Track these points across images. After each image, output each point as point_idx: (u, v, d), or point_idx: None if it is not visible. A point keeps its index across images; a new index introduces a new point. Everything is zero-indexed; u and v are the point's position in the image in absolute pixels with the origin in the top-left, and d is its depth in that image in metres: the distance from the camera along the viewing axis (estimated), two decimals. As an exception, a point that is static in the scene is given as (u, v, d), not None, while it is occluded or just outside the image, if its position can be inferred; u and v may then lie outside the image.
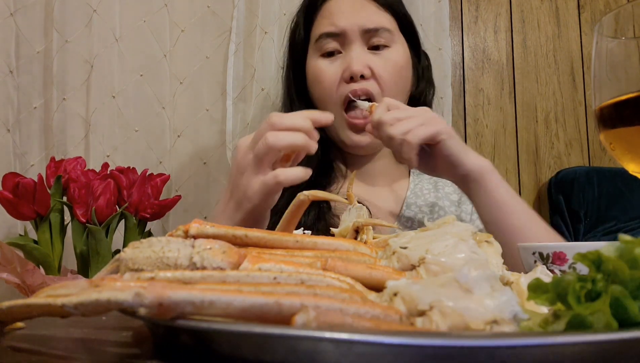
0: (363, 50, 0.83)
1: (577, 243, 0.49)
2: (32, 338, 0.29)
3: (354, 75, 0.80)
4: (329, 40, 0.84)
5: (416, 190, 0.92)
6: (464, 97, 1.41)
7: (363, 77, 0.80)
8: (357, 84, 0.80)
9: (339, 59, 0.84)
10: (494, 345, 0.20)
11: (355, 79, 0.80)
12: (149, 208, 0.77)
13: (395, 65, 0.84)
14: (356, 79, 0.80)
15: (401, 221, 0.86)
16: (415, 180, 0.94)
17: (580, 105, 1.45)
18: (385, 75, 0.82)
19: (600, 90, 0.41)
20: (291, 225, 0.43)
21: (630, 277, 0.21)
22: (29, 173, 1.04)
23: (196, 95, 1.15)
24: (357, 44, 0.83)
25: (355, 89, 0.80)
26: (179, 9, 1.15)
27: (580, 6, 1.47)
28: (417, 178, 0.95)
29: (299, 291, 0.24)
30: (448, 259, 0.28)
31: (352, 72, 0.80)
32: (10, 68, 1.07)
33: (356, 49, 0.82)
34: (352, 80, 0.81)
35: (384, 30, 0.84)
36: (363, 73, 0.80)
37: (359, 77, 0.80)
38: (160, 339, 0.28)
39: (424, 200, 0.90)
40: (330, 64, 0.84)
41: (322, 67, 0.84)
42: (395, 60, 0.84)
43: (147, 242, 0.28)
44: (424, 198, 0.91)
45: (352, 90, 0.80)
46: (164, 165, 1.11)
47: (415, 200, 0.90)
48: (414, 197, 0.91)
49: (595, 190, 1.33)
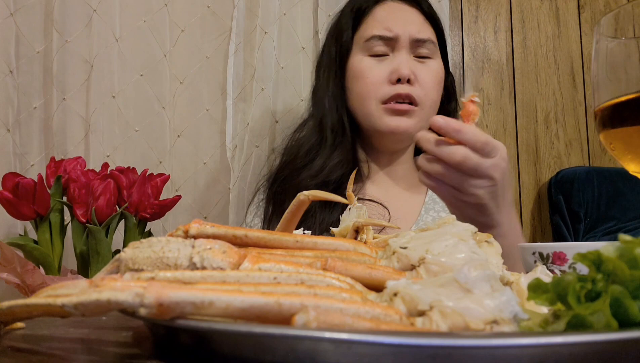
0: (410, 57, 0.88)
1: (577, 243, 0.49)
2: (32, 338, 0.29)
3: (402, 77, 0.84)
4: (381, 43, 0.88)
5: (434, 196, 0.93)
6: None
7: (409, 82, 0.85)
8: (402, 87, 0.84)
9: (386, 61, 0.88)
10: (494, 345, 0.20)
11: (402, 82, 0.85)
12: (149, 208, 0.77)
13: (435, 75, 0.89)
14: (403, 81, 0.85)
15: (419, 225, 0.87)
16: None
17: (580, 105, 1.45)
18: (427, 83, 0.87)
19: (600, 90, 0.41)
20: (291, 225, 0.43)
21: (630, 277, 0.21)
22: (29, 173, 1.04)
23: (196, 95, 1.15)
24: (405, 50, 0.87)
25: (400, 92, 0.84)
26: (179, 9, 1.15)
27: (580, 6, 1.47)
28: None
29: (299, 291, 0.24)
30: (448, 259, 0.28)
31: (400, 75, 0.84)
32: (10, 68, 1.07)
33: (405, 55, 0.87)
34: (399, 82, 0.85)
35: (430, 43, 0.89)
36: (410, 77, 0.84)
37: (406, 81, 0.84)
38: (160, 339, 0.28)
39: (442, 206, 0.91)
40: (377, 64, 0.88)
41: (370, 65, 0.88)
42: (436, 71, 0.89)
43: (147, 242, 0.28)
44: (442, 204, 0.91)
45: (397, 92, 0.84)
46: (164, 165, 1.11)
47: (434, 205, 0.91)
48: (432, 202, 0.92)
49: (595, 190, 1.33)
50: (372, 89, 0.87)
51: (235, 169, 1.10)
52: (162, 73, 1.13)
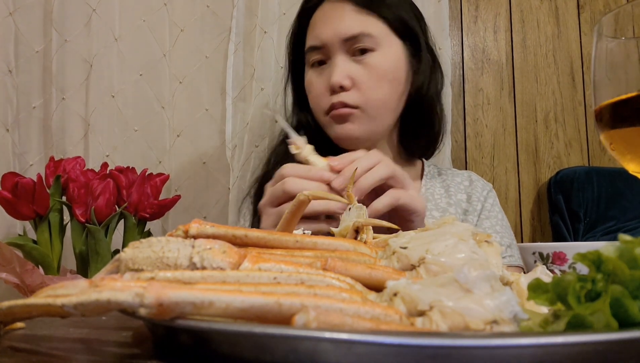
0: (345, 60, 0.82)
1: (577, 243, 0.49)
2: (32, 338, 0.29)
3: (333, 87, 0.81)
4: (314, 52, 0.85)
5: (427, 194, 0.92)
6: (463, 97, 1.41)
7: (343, 88, 0.81)
8: (337, 96, 0.81)
9: (326, 70, 0.85)
10: (494, 345, 0.20)
11: (335, 91, 0.81)
12: (148, 208, 0.77)
13: (379, 70, 0.82)
14: (336, 90, 0.81)
15: None
16: (427, 184, 0.94)
17: (580, 105, 1.45)
18: (367, 82, 0.82)
19: (600, 90, 0.41)
20: (291, 225, 0.43)
21: (630, 277, 0.21)
22: (28, 173, 1.04)
23: (196, 95, 1.15)
24: (339, 53, 0.83)
25: (333, 102, 0.81)
26: (178, 8, 1.15)
27: (580, 6, 1.47)
28: (429, 182, 0.95)
29: (299, 291, 0.24)
30: (448, 259, 0.28)
31: (331, 85, 0.81)
32: (10, 67, 1.07)
33: (337, 60, 0.82)
34: (334, 92, 0.82)
35: (364, 36, 0.82)
36: (342, 84, 0.80)
37: (339, 88, 0.81)
38: (160, 339, 0.28)
39: (434, 204, 0.90)
40: (318, 76, 0.86)
41: (312, 79, 0.87)
42: (379, 64, 0.83)
43: (146, 242, 0.28)
44: (435, 203, 0.91)
45: (331, 103, 0.82)
46: (163, 165, 1.11)
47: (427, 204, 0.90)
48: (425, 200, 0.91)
49: (595, 190, 1.33)
50: (317, 102, 0.86)
51: (235, 168, 1.10)
52: (162, 73, 1.13)
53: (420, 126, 0.92)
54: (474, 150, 1.39)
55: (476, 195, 0.94)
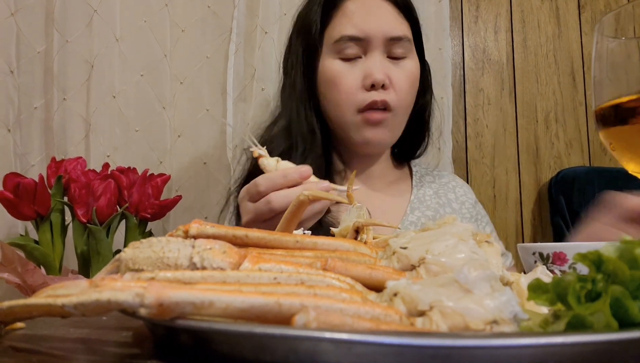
0: (384, 59, 0.81)
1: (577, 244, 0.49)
2: (32, 338, 0.29)
3: (377, 84, 0.78)
4: (352, 44, 0.81)
5: (419, 195, 0.92)
6: (464, 97, 1.41)
7: (383, 87, 0.79)
8: (377, 93, 0.79)
9: (359, 64, 0.81)
10: (494, 345, 0.20)
11: (376, 88, 0.79)
12: (149, 209, 0.77)
13: (410, 77, 0.83)
14: (377, 87, 0.79)
15: (404, 225, 0.86)
16: (417, 185, 0.94)
17: (581, 105, 1.45)
18: (402, 87, 0.81)
19: (601, 90, 0.41)
20: (291, 225, 0.43)
21: (630, 277, 0.21)
22: (30, 173, 1.04)
23: (196, 95, 1.15)
24: (379, 51, 0.81)
25: (375, 100, 0.79)
26: (179, 9, 1.15)
27: (581, 6, 1.47)
28: (420, 182, 0.95)
29: (299, 291, 0.24)
30: (448, 259, 0.28)
31: (374, 81, 0.78)
32: (11, 68, 1.07)
33: (378, 57, 0.80)
34: (373, 88, 0.79)
35: (405, 40, 0.82)
36: (385, 82, 0.79)
37: (380, 86, 0.79)
38: (160, 339, 0.28)
39: (426, 206, 0.90)
40: (350, 68, 0.81)
41: (342, 70, 0.81)
42: (411, 71, 0.83)
43: (147, 242, 0.28)
44: (426, 204, 0.91)
45: (372, 100, 0.79)
46: (164, 165, 1.11)
47: (419, 205, 0.90)
48: (418, 202, 0.91)
49: (596, 190, 1.32)
50: (347, 97, 0.80)
51: (236, 169, 1.10)
52: (163, 73, 1.13)
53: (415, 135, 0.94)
54: (474, 150, 1.39)
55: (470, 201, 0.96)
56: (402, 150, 0.97)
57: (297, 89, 0.87)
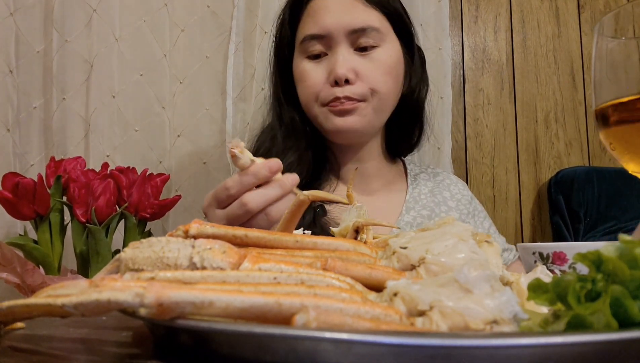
0: (349, 53, 0.80)
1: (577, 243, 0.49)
2: (32, 338, 0.29)
3: (338, 79, 0.78)
4: (314, 42, 0.81)
5: (414, 194, 0.92)
6: (463, 97, 1.41)
7: (348, 82, 0.79)
8: (341, 90, 0.79)
9: (325, 61, 0.82)
10: (494, 345, 0.20)
11: (339, 84, 0.79)
12: (148, 208, 0.77)
13: (383, 64, 0.81)
14: (340, 83, 0.79)
15: (400, 225, 0.86)
16: (413, 184, 0.94)
17: (580, 105, 1.45)
18: (372, 75, 0.80)
19: (600, 90, 0.41)
20: (291, 225, 0.43)
21: (630, 277, 0.21)
22: (29, 173, 1.04)
23: (196, 95, 1.15)
24: (343, 45, 0.80)
25: (338, 96, 0.79)
26: (178, 8, 1.15)
27: (580, 6, 1.47)
28: (415, 180, 0.95)
29: (299, 291, 0.24)
30: (448, 259, 0.28)
31: (335, 77, 0.78)
32: (10, 68, 1.07)
33: (341, 52, 0.80)
34: (337, 84, 0.79)
35: (371, 30, 0.80)
36: (347, 77, 0.78)
37: (344, 81, 0.78)
38: (160, 339, 0.28)
39: (422, 205, 0.90)
40: (315, 66, 0.82)
41: (307, 69, 0.82)
42: (384, 60, 0.82)
43: (147, 242, 0.28)
44: (422, 203, 0.90)
45: (335, 95, 0.79)
46: (163, 165, 1.11)
47: (414, 205, 0.90)
48: (413, 201, 0.90)
49: (595, 190, 1.33)
50: (312, 93, 0.81)
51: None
52: (162, 73, 1.13)
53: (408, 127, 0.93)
54: (474, 150, 1.39)
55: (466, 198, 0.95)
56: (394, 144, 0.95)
57: (274, 89, 0.91)
